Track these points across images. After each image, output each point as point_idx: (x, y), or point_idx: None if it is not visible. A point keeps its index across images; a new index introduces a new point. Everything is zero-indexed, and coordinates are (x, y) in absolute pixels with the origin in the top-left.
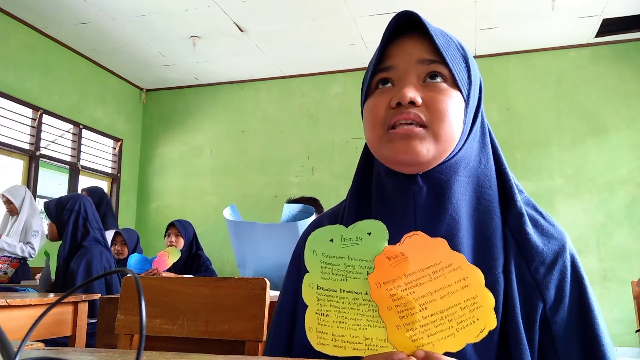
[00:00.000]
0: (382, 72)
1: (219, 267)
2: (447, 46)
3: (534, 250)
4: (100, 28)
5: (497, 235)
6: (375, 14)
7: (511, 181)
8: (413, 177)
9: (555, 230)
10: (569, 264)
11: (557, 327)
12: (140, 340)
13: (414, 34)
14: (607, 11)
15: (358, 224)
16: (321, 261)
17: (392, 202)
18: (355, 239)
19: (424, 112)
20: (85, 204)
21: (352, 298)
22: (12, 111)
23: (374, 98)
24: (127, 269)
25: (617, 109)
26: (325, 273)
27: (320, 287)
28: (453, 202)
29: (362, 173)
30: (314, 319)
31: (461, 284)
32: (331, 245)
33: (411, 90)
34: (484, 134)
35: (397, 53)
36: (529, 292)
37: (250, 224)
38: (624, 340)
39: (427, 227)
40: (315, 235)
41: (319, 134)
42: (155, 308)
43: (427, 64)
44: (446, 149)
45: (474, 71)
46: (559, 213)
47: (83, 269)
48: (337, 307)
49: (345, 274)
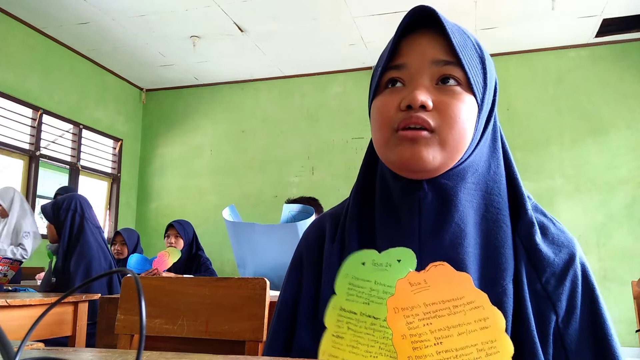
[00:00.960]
0: (393, 70)
1: (219, 267)
2: (464, 46)
3: (545, 261)
4: (100, 28)
5: (506, 244)
6: (375, 14)
7: (522, 188)
8: (418, 182)
9: (565, 238)
10: (580, 273)
11: (569, 340)
12: (140, 340)
13: (429, 31)
14: (607, 11)
15: (391, 251)
16: (349, 283)
17: (396, 206)
18: (385, 265)
19: (434, 116)
20: (82, 203)
21: (370, 323)
22: (12, 111)
23: (384, 97)
24: (127, 269)
25: (617, 109)
26: (350, 295)
27: (342, 309)
28: (459, 209)
29: (366, 173)
30: (329, 342)
31: (481, 324)
32: (362, 268)
33: (423, 93)
34: (495, 138)
35: (410, 51)
36: (540, 304)
37: (250, 225)
38: (624, 340)
39: (431, 234)
40: (350, 259)
41: (319, 134)
42: (155, 308)
43: (441, 65)
44: (453, 156)
45: (490, 73)
46: (559, 213)
47: (82, 270)
48: (354, 331)
49: (369, 297)
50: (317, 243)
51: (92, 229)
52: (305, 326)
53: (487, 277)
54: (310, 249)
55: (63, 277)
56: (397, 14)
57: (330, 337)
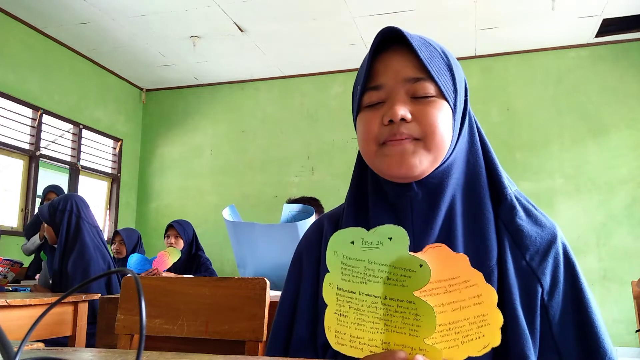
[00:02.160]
0: (371, 91)
1: (219, 267)
2: (432, 58)
3: (528, 240)
4: (100, 28)
5: (489, 228)
6: (375, 14)
7: (501, 176)
8: (408, 184)
9: (547, 220)
10: (562, 251)
11: (553, 312)
12: (140, 340)
13: (399, 48)
14: (607, 11)
15: (379, 229)
16: (342, 262)
17: (389, 206)
18: (376, 243)
19: (415, 126)
20: (78, 203)
21: (371, 301)
22: (12, 111)
23: (366, 114)
24: (127, 269)
25: (617, 109)
26: (345, 274)
27: (340, 288)
28: (447, 202)
29: (359, 176)
30: (332, 319)
31: (474, 300)
32: (352, 247)
33: (401, 107)
34: (472, 132)
35: (385, 71)
36: (527, 280)
37: (250, 225)
38: (624, 340)
39: (423, 228)
40: (337, 236)
41: (319, 134)
42: (155, 308)
43: (413, 82)
44: (437, 158)
45: (459, 77)
46: (559, 213)
47: (80, 271)
48: (356, 309)
49: (365, 277)
50: (316, 243)
51: (89, 229)
52: (303, 324)
53: (476, 261)
54: (310, 249)
55: (61, 278)
56: (397, 14)
57: (333, 315)
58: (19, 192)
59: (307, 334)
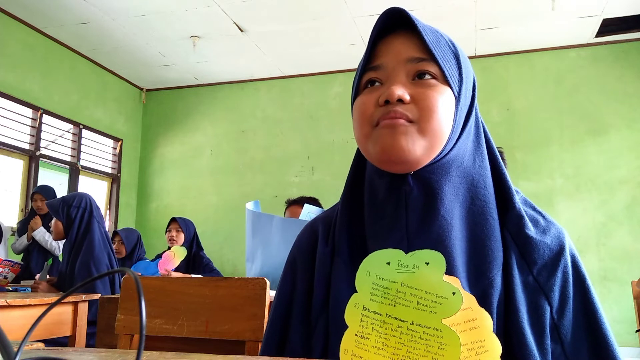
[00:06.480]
0: (371, 71)
1: (219, 267)
2: (437, 43)
3: (535, 253)
4: (100, 28)
5: (492, 237)
6: (375, 14)
7: (509, 182)
8: (403, 177)
9: (555, 229)
10: (570, 264)
11: (565, 331)
12: (140, 340)
13: (402, 32)
14: (607, 11)
15: (418, 252)
16: (373, 282)
17: (382, 203)
18: (412, 267)
19: (412, 109)
20: (92, 202)
21: (397, 325)
22: (12, 111)
23: (363, 96)
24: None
25: (617, 109)
26: (374, 295)
27: (366, 309)
28: (445, 202)
29: (354, 178)
30: (352, 341)
31: (470, 324)
32: (387, 268)
33: (399, 87)
34: (479, 133)
35: (386, 52)
36: (534, 297)
37: (269, 216)
38: (624, 340)
39: (418, 228)
40: (372, 256)
41: (319, 134)
42: (155, 308)
43: (415, 62)
44: (434, 146)
45: (466, 68)
46: (559, 213)
47: (86, 269)
48: (379, 332)
49: (395, 299)
50: (309, 247)
51: (100, 229)
52: (297, 330)
53: (474, 269)
54: (302, 253)
55: (67, 274)
56: None
57: (353, 337)
58: (19, 192)
59: (299, 347)
